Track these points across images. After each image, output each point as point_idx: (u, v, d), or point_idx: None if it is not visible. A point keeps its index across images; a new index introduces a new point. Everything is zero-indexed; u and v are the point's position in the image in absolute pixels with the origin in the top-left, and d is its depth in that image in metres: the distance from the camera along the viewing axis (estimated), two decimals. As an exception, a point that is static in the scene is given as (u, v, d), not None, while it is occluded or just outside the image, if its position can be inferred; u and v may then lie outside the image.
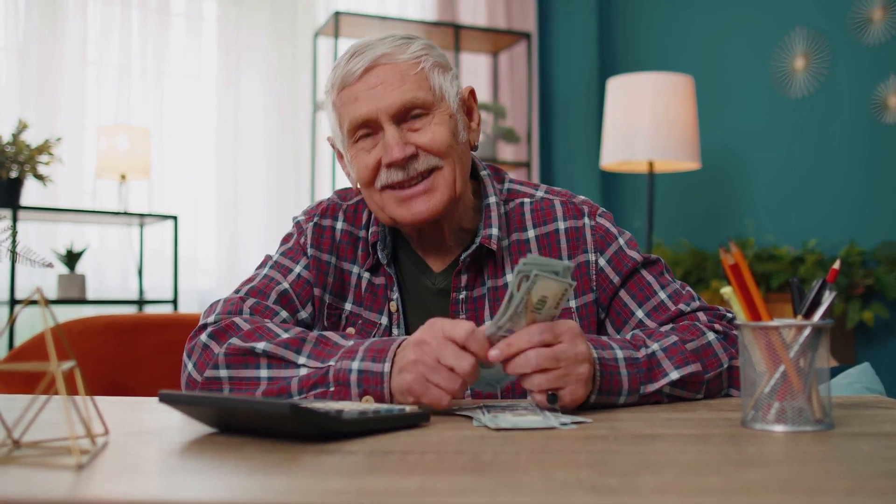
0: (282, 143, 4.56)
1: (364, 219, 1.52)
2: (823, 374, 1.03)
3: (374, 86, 1.36)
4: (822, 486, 0.75)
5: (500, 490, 0.73)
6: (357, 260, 1.50)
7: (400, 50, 1.38)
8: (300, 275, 1.47)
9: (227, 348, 1.28)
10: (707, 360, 1.31)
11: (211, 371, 1.28)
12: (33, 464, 0.82)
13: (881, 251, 3.56)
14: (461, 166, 1.42)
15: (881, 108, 3.66)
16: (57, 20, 4.10)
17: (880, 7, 3.68)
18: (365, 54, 1.37)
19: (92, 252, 4.07)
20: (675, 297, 1.43)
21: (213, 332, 1.31)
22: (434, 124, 1.38)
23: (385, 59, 1.37)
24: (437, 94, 1.39)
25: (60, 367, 0.85)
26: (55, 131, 3.89)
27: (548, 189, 1.55)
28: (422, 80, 1.38)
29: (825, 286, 1.07)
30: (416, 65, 1.38)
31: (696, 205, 4.48)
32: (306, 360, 1.24)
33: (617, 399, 1.23)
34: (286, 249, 1.51)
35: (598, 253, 1.46)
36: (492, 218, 1.46)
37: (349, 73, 1.38)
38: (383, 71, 1.37)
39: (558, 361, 1.12)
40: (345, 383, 1.19)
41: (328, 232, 1.51)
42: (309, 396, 1.22)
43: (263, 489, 0.75)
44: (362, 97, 1.37)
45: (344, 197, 1.56)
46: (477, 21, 4.78)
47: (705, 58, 4.43)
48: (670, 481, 0.76)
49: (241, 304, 1.38)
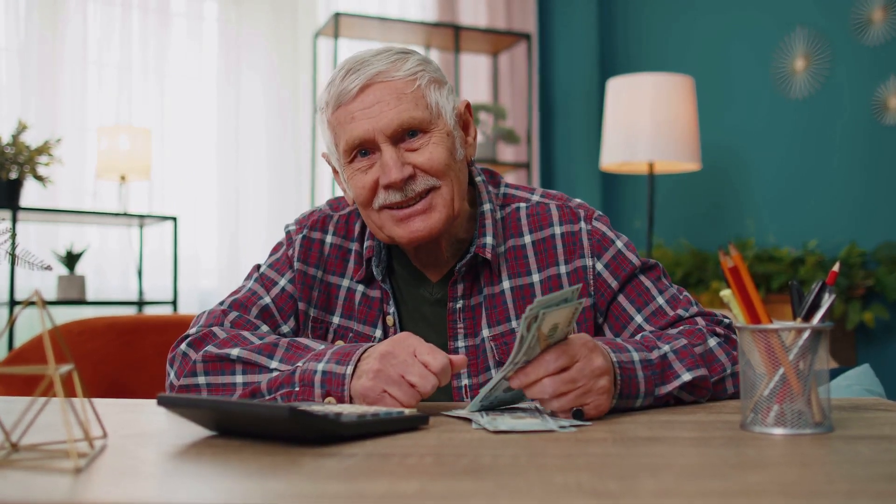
0: (282, 143, 4.56)
1: (356, 230, 1.51)
2: (823, 377, 1.03)
3: (370, 105, 1.34)
4: (822, 489, 0.75)
5: (500, 494, 0.73)
6: (347, 273, 1.49)
7: (395, 67, 1.36)
8: (284, 289, 1.47)
9: (204, 355, 1.33)
10: (711, 364, 1.32)
11: (188, 378, 1.34)
12: (31, 467, 0.82)
13: (882, 252, 3.56)
14: (458, 184, 1.40)
15: (882, 109, 3.66)
16: (57, 21, 4.10)
17: (881, 7, 3.68)
18: (360, 72, 1.35)
19: (92, 253, 4.07)
20: (673, 303, 1.44)
21: (192, 342, 1.36)
22: (432, 144, 1.36)
23: (381, 76, 1.34)
24: (433, 111, 1.37)
25: (58, 371, 0.85)
26: (56, 132, 3.89)
27: (543, 193, 1.53)
28: (418, 98, 1.36)
29: (825, 288, 1.07)
30: (413, 82, 1.36)
31: (696, 206, 4.47)
32: (278, 364, 1.28)
33: (635, 402, 1.23)
34: (274, 261, 1.51)
35: (595, 258, 1.45)
36: (486, 226, 1.45)
37: (344, 92, 1.35)
38: (379, 89, 1.34)
39: (575, 382, 1.12)
40: (309, 384, 1.23)
41: (316, 245, 1.50)
42: (276, 397, 1.26)
43: (261, 492, 0.75)
44: (358, 116, 1.34)
45: (336, 207, 1.55)
46: (477, 22, 4.78)
47: (706, 58, 4.43)
48: (669, 485, 0.75)
49: (223, 318, 1.41)
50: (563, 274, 1.45)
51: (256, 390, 1.28)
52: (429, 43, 4.65)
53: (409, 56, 1.38)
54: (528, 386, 1.12)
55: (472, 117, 1.48)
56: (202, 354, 1.33)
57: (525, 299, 1.43)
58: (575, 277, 1.44)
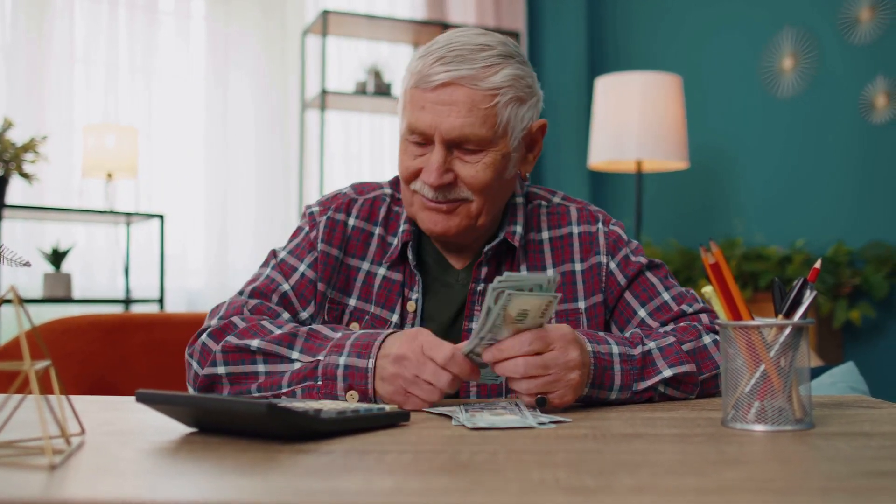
0: (270, 141, 4.55)
1: (380, 215, 1.52)
2: (804, 374, 1.03)
3: (444, 103, 1.34)
4: (798, 485, 0.75)
5: (475, 490, 0.72)
6: (367, 256, 1.50)
7: (485, 74, 1.34)
8: (304, 274, 1.47)
9: (224, 345, 1.32)
10: (703, 361, 1.33)
11: (209, 368, 1.33)
12: (5, 464, 0.81)
13: (869, 251, 3.57)
14: (493, 202, 1.42)
15: (869, 108, 3.67)
16: (44, 18, 4.08)
17: (868, 7, 3.69)
18: (450, 67, 1.33)
19: (78, 251, 4.05)
20: (679, 298, 1.47)
21: (212, 332, 1.36)
22: (482, 162, 1.37)
23: (466, 80, 1.33)
24: (499, 131, 1.36)
25: (34, 367, 0.84)
26: (42, 130, 3.87)
27: (565, 196, 1.57)
28: (489, 116, 1.35)
29: (806, 285, 1.07)
30: (492, 97, 1.34)
31: (684, 204, 4.48)
32: (299, 354, 1.28)
33: (608, 394, 1.25)
34: (294, 246, 1.51)
35: (609, 256, 1.49)
36: (518, 216, 1.49)
37: (427, 78, 1.35)
38: (458, 92, 1.33)
39: (547, 369, 1.15)
40: (332, 378, 1.24)
41: (340, 226, 1.50)
42: (297, 389, 1.26)
43: (236, 490, 0.74)
44: (429, 108, 1.35)
45: (361, 191, 1.55)
46: (466, 20, 4.78)
47: (694, 57, 4.43)
48: (646, 481, 0.75)
49: (243, 308, 1.40)
50: (577, 271, 1.49)
51: (277, 382, 1.28)
52: (417, 41, 4.65)
53: (505, 64, 1.36)
54: (501, 361, 1.14)
55: (543, 135, 1.48)
56: (222, 345, 1.33)
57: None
58: (589, 274, 1.49)
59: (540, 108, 1.46)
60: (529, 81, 1.41)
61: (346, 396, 1.23)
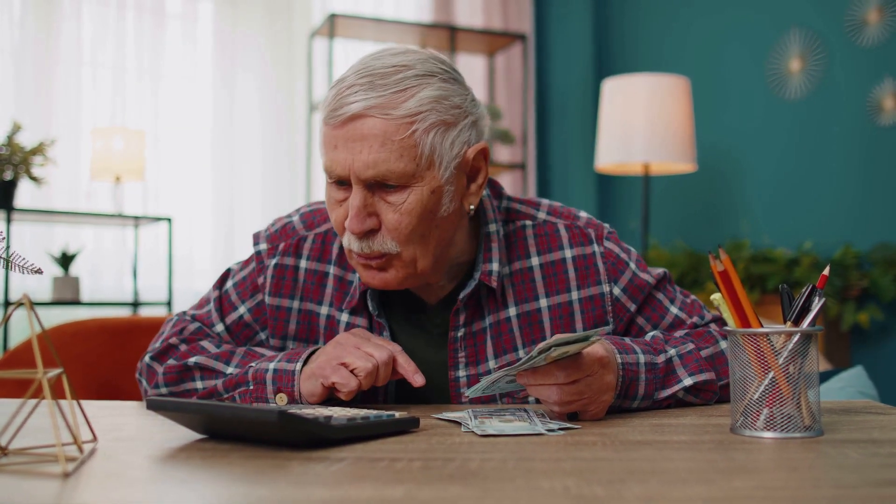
0: (277, 144, 4.56)
1: (333, 253, 1.40)
2: (813, 380, 1.03)
3: (354, 139, 1.18)
4: (807, 494, 0.75)
5: (485, 499, 0.73)
6: (325, 300, 1.39)
7: (398, 100, 1.18)
8: (242, 317, 1.42)
9: (165, 368, 1.39)
10: (721, 367, 1.32)
11: (154, 389, 1.40)
12: (19, 471, 0.82)
13: (877, 253, 3.56)
14: (425, 247, 1.25)
15: (877, 110, 3.66)
16: (52, 22, 4.10)
17: (876, 8, 3.68)
18: (357, 97, 1.18)
19: (87, 254, 4.07)
20: (688, 310, 1.43)
21: (154, 355, 1.42)
22: (406, 203, 1.21)
23: (375, 110, 1.17)
24: (422, 163, 1.20)
25: (47, 375, 0.85)
26: (50, 133, 3.88)
27: (549, 209, 1.43)
28: (407, 147, 1.18)
29: (815, 292, 1.07)
30: (408, 126, 1.18)
31: (691, 206, 4.47)
32: (234, 368, 1.34)
33: (632, 403, 1.24)
34: (241, 280, 1.44)
35: (612, 283, 1.38)
36: (492, 250, 1.34)
37: (333, 113, 1.20)
38: (368, 125, 1.18)
39: (581, 395, 1.14)
40: (261, 381, 1.28)
41: (290, 272, 1.40)
42: (233, 395, 1.32)
43: (245, 498, 0.75)
44: (340, 147, 1.20)
45: (310, 224, 1.43)
46: (473, 22, 4.78)
47: (701, 59, 4.43)
48: (655, 490, 0.75)
49: (183, 330, 1.45)
50: (574, 300, 1.37)
51: (213, 390, 1.34)
52: (424, 44, 4.65)
53: (423, 86, 1.20)
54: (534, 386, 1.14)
55: (487, 160, 1.30)
56: (164, 367, 1.39)
57: (533, 326, 1.36)
58: (590, 304, 1.37)
59: (481, 130, 1.28)
60: (458, 101, 1.23)
61: (276, 399, 1.27)
